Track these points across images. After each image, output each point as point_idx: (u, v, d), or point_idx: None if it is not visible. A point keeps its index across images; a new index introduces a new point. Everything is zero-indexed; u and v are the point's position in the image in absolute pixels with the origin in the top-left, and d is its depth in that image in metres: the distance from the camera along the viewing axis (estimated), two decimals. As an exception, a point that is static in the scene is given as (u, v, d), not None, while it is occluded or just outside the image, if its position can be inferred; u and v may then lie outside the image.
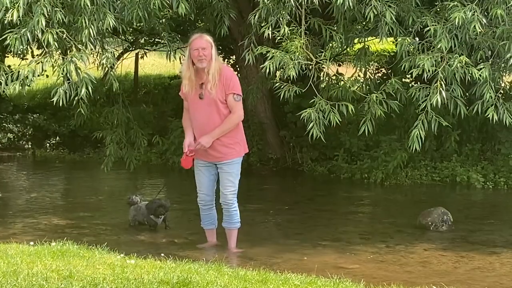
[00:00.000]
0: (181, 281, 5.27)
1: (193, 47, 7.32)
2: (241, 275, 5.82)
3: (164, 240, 8.55)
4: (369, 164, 13.26)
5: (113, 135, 11.11)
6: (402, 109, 9.64)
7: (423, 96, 8.40)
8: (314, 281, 5.82)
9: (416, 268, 7.56)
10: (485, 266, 7.71)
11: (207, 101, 7.46)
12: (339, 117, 8.49)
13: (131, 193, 9.53)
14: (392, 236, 9.00)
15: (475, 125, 13.50)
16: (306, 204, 11.32)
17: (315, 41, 9.57)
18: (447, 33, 8.34)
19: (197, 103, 7.52)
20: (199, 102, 7.50)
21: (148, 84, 20.51)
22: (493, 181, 12.70)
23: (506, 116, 8.44)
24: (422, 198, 11.82)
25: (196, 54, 7.29)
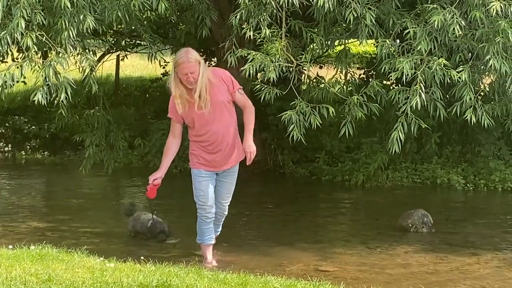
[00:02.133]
0: (160, 284, 5.25)
1: (181, 72, 6.95)
2: (221, 278, 5.81)
3: (145, 243, 8.51)
4: (350, 166, 13.30)
5: (93, 137, 11.06)
6: (383, 111, 9.67)
7: (403, 99, 8.41)
8: (294, 284, 5.81)
9: (396, 270, 7.57)
10: (465, 268, 7.75)
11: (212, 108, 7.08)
12: (320, 120, 8.49)
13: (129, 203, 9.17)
14: (372, 238, 9.02)
15: (455, 127, 13.56)
16: (287, 206, 11.31)
17: (296, 43, 9.57)
18: (426, 36, 8.36)
19: (202, 115, 7.09)
20: (203, 114, 7.09)
21: (129, 86, 20.44)
22: (473, 182, 12.77)
23: (484, 118, 8.47)
24: (402, 200, 11.86)
25: (185, 78, 6.96)
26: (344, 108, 8.81)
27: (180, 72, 6.97)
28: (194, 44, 14.04)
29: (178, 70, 6.98)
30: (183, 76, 6.96)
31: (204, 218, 7.39)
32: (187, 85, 7.01)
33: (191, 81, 6.97)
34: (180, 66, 6.96)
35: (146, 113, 17.17)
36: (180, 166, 14.03)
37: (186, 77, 6.96)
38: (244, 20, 8.84)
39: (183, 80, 6.99)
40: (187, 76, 6.95)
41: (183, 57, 6.98)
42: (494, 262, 8.01)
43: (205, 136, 7.21)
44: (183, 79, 6.99)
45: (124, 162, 14.21)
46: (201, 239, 7.50)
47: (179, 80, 7.02)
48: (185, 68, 6.94)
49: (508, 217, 10.60)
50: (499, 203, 11.91)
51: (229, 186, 7.44)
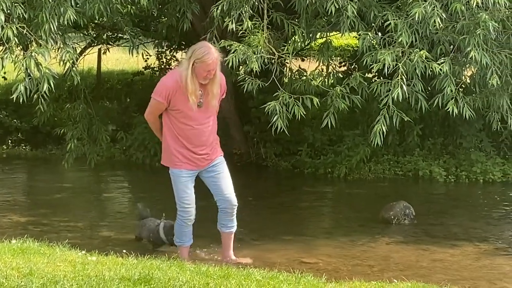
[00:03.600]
0: (142, 278, 5.24)
1: (205, 68, 6.72)
2: (203, 270, 5.81)
3: (127, 236, 8.50)
4: (332, 159, 13.31)
5: (75, 131, 10.99)
6: (365, 104, 9.69)
7: (385, 91, 8.43)
8: (276, 276, 5.82)
9: (378, 262, 7.61)
10: (447, 259, 7.79)
11: (205, 109, 6.94)
12: (303, 110, 8.50)
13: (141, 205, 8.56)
14: (355, 230, 9.05)
15: (437, 119, 13.61)
16: (270, 199, 11.32)
17: (278, 35, 9.57)
18: (407, 28, 8.38)
19: (194, 111, 6.88)
20: (196, 111, 6.88)
21: (111, 79, 20.37)
22: (455, 174, 12.82)
23: (465, 109, 8.50)
24: (385, 192, 11.89)
25: (205, 75, 6.75)
26: (327, 100, 8.81)
27: (203, 68, 6.71)
28: (175, 37, 14.06)
29: (202, 65, 6.71)
30: (205, 72, 6.73)
31: (187, 221, 7.16)
32: (202, 81, 6.80)
33: (210, 77, 6.80)
34: (206, 62, 6.70)
35: (129, 107, 17.10)
36: (163, 160, 14.01)
37: (207, 74, 6.76)
38: (225, 12, 8.83)
39: (200, 75, 6.75)
40: (208, 73, 6.76)
41: (210, 54, 6.73)
42: (476, 254, 8.06)
43: (187, 129, 6.97)
44: (202, 75, 6.75)
45: (106, 155, 14.15)
46: (182, 242, 7.27)
47: (195, 75, 6.77)
48: (211, 65, 6.73)
49: (490, 208, 10.67)
50: (481, 195, 11.96)
51: (224, 176, 7.18)
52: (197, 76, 6.76)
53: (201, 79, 6.78)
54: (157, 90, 6.94)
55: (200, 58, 6.72)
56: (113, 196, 11.71)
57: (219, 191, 7.18)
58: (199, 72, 6.75)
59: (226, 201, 7.18)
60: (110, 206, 10.94)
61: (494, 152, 13.34)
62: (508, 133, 13.10)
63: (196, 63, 6.72)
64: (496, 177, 12.66)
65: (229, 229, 7.29)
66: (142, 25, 14.79)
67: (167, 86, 6.89)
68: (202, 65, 6.72)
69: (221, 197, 7.19)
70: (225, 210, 7.22)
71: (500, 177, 12.68)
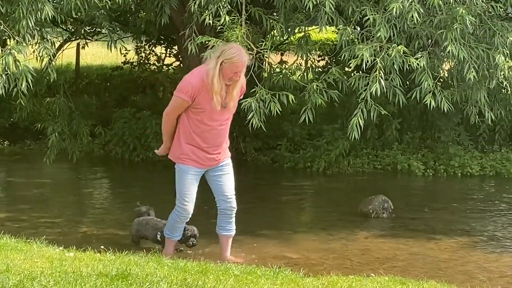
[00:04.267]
0: (120, 273, 5.23)
1: (233, 70, 6.62)
2: (181, 266, 5.81)
3: (105, 232, 8.48)
4: (311, 153, 13.34)
5: (55, 125, 10.92)
6: (344, 98, 9.71)
7: (363, 85, 8.45)
8: (254, 271, 5.84)
9: (357, 256, 7.65)
10: (425, 252, 7.84)
11: (227, 110, 6.86)
12: (280, 107, 8.50)
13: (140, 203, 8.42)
14: (333, 224, 9.08)
15: (416, 113, 13.67)
16: (249, 193, 11.27)
17: (256, 30, 9.56)
18: (385, 23, 8.40)
19: (217, 112, 6.79)
20: (219, 111, 6.79)
21: (90, 74, 20.28)
22: (433, 168, 12.89)
23: (443, 103, 8.55)
24: (363, 186, 11.94)
25: (232, 76, 6.65)
26: (305, 95, 8.83)
27: (231, 69, 6.61)
28: (154, 31, 14.00)
29: (230, 66, 6.61)
30: (232, 73, 6.64)
31: (183, 218, 7.07)
32: (227, 82, 6.70)
33: (235, 79, 6.72)
34: (235, 63, 6.60)
35: (108, 102, 17.04)
36: (142, 155, 14.00)
37: (234, 76, 6.67)
38: (203, 7, 8.81)
39: (226, 76, 6.65)
40: (235, 75, 6.67)
41: (240, 56, 6.64)
42: (453, 247, 8.12)
43: (207, 130, 6.88)
44: (229, 76, 6.65)
45: (85, 151, 14.07)
46: (171, 235, 7.19)
47: (222, 75, 6.66)
48: (240, 67, 6.65)
49: (467, 202, 10.74)
50: (459, 189, 12.03)
51: (229, 177, 7.15)
52: (223, 76, 6.67)
53: (227, 80, 6.69)
54: (181, 87, 6.78)
55: (230, 59, 6.62)
56: (92, 192, 11.67)
57: (221, 191, 7.13)
58: (225, 73, 6.65)
59: (227, 202, 7.13)
60: (89, 201, 10.89)
61: (472, 145, 13.44)
62: (485, 127, 13.18)
63: (224, 63, 6.62)
64: (474, 171, 12.74)
65: (228, 232, 7.24)
66: (121, 19, 14.70)
67: (192, 84, 6.73)
68: (231, 66, 6.63)
69: (222, 198, 7.14)
70: (225, 212, 7.17)
71: (478, 170, 12.77)
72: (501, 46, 8.58)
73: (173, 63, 17.75)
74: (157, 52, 17.96)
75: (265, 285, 5.29)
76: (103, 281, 4.99)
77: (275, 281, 5.45)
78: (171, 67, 17.81)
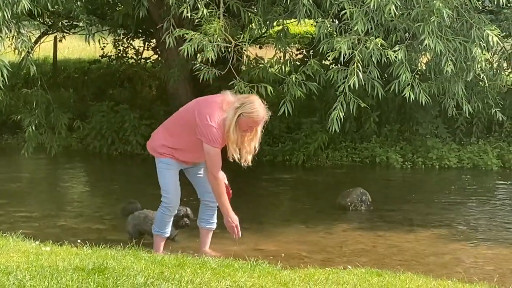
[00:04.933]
0: (96, 267, 5.20)
1: (251, 124, 6.56)
2: (158, 260, 5.78)
3: (83, 226, 8.44)
4: (290, 146, 13.35)
5: (32, 118, 10.81)
6: (322, 91, 9.70)
7: (342, 78, 8.46)
8: (231, 264, 5.82)
9: (335, 248, 7.67)
10: (401, 244, 7.88)
11: None
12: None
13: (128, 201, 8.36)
14: (312, 217, 9.09)
15: (394, 106, 13.73)
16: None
17: (234, 23, 9.55)
18: (363, 16, 8.40)
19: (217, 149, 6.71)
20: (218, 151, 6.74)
21: (67, 68, 20.17)
22: (411, 161, 12.95)
23: (422, 96, 8.57)
24: (342, 179, 11.97)
25: (247, 129, 6.59)
26: (283, 87, 8.82)
27: (248, 123, 6.54)
28: (132, 25, 13.93)
29: (247, 120, 6.53)
30: (247, 127, 6.59)
31: (172, 210, 6.99)
32: (242, 133, 6.63)
33: (250, 132, 6.65)
34: (253, 119, 6.53)
35: (85, 95, 16.97)
36: (121, 148, 13.95)
37: (250, 129, 6.62)
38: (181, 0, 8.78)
39: (241, 128, 6.58)
40: (250, 129, 6.62)
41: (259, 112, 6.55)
42: (431, 238, 8.16)
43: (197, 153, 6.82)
44: (244, 128, 6.59)
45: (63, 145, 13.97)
46: (161, 232, 7.05)
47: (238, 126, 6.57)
48: (257, 123, 6.61)
49: (445, 194, 10.79)
50: (436, 181, 12.10)
51: None
52: (238, 128, 6.60)
53: (244, 131, 6.64)
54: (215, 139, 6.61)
55: (249, 113, 6.55)
56: (69, 186, 11.62)
57: (202, 182, 7.10)
58: (241, 125, 6.57)
59: (209, 194, 7.06)
60: (66, 196, 10.85)
61: (450, 138, 13.51)
62: (463, 119, 13.26)
63: (243, 116, 6.55)
64: (451, 163, 12.81)
65: (210, 225, 7.21)
66: (98, 13, 14.63)
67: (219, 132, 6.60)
68: (248, 120, 6.56)
69: (204, 189, 7.11)
70: (207, 203, 7.14)
71: (456, 163, 12.85)
72: (478, 39, 8.60)
73: (151, 57, 17.69)
74: (135, 45, 17.89)
75: (242, 278, 5.27)
76: (79, 275, 4.96)
77: (252, 274, 5.44)
78: (149, 61, 17.75)
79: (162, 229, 7.03)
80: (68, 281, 4.79)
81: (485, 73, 9.14)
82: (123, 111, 14.45)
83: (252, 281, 5.23)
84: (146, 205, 8.03)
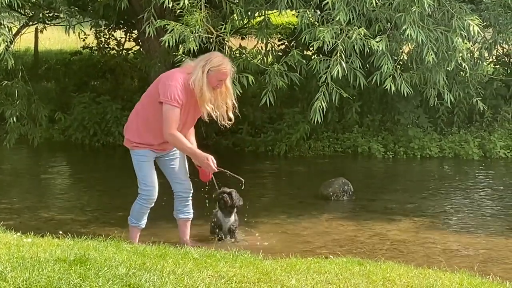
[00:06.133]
0: (78, 258, 5.18)
1: (220, 77, 6.64)
2: (140, 250, 5.78)
3: (65, 217, 8.42)
4: (273, 136, 13.36)
5: (13, 109, 10.75)
6: (304, 81, 9.70)
7: (324, 68, 8.46)
8: (213, 254, 5.83)
9: (317, 238, 7.70)
10: (384, 234, 7.92)
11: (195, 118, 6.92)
12: (240, 89, 8.49)
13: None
14: (294, 207, 9.11)
15: (376, 96, 13.74)
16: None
17: (216, 14, 9.52)
18: (345, 6, 8.40)
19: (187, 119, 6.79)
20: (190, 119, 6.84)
21: (49, 59, 20.07)
22: (393, 150, 12.99)
23: (403, 86, 8.60)
24: (324, 169, 11.98)
25: (217, 84, 6.65)
26: (265, 78, 8.83)
27: (217, 76, 6.61)
28: (113, 16, 13.85)
29: (216, 74, 6.61)
30: (217, 81, 6.64)
31: (151, 202, 6.94)
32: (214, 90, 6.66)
33: (219, 88, 6.69)
34: (221, 71, 6.62)
35: (67, 87, 16.89)
36: (103, 140, 13.92)
37: (219, 84, 6.66)
38: (163, -10, 8.74)
39: (212, 85, 6.62)
40: (220, 83, 6.66)
41: (226, 64, 6.68)
42: (412, 228, 8.21)
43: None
44: (214, 84, 6.63)
45: (45, 136, 13.92)
46: (137, 223, 7.01)
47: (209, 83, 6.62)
48: (226, 74, 6.68)
49: (427, 184, 10.83)
50: (418, 170, 12.15)
51: (183, 162, 7.12)
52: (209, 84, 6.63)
53: (215, 86, 6.68)
54: (172, 95, 6.59)
55: (217, 66, 6.62)
56: (51, 178, 11.56)
57: (174, 174, 7.11)
58: (211, 81, 6.62)
59: (181, 185, 7.11)
60: (48, 187, 10.82)
61: (431, 128, 13.55)
62: (444, 109, 13.30)
63: (211, 71, 6.61)
64: (433, 153, 12.86)
65: (185, 215, 7.22)
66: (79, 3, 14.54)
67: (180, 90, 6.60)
68: (217, 74, 6.63)
69: (176, 181, 7.12)
70: (180, 194, 7.15)
71: (437, 152, 12.90)
72: (459, 28, 8.63)
73: (133, 48, 17.64)
74: (116, 36, 17.82)
75: (224, 268, 5.29)
76: (61, 266, 4.94)
77: (234, 264, 5.45)
78: (131, 52, 17.69)
79: (139, 220, 7.02)
80: (50, 273, 4.77)
81: (466, 63, 9.18)
82: (105, 102, 14.41)
83: (234, 271, 5.24)
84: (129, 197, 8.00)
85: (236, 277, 5.09)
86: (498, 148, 12.87)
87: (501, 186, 10.71)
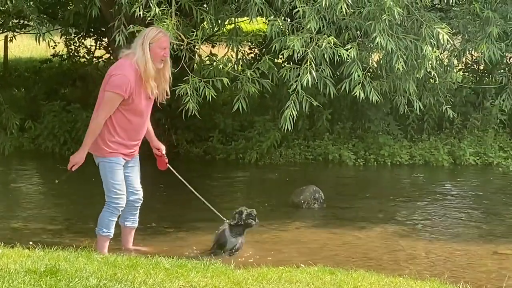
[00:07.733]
0: (48, 269, 5.14)
1: (161, 46, 6.63)
2: (111, 261, 5.74)
3: (35, 227, 8.35)
4: (243, 144, 13.37)
5: (-17, 118, 10.67)
6: (275, 89, 9.72)
7: (294, 77, 8.49)
8: (185, 264, 5.81)
9: (288, 247, 7.70)
10: (354, 241, 7.95)
11: (151, 101, 6.87)
12: (214, 92, 8.50)
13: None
14: (265, 215, 9.04)
15: (346, 104, 13.80)
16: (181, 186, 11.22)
17: (187, 22, 9.52)
18: (315, 14, 8.44)
19: (144, 104, 6.78)
20: (146, 103, 6.80)
21: (19, 67, 19.92)
22: (364, 158, 13.04)
23: (372, 94, 8.65)
24: (295, 177, 12.00)
25: (163, 54, 6.63)
26: (237, 84, 8.84)
27: (160, 45, 6.62)
28: (83, 24, 13.81)
29: (158, 44, 6.62)
30: (162, 50, 6.63)
31: (120, 209, 6.96)
32: (157, 65, 6.64)
33: (166, 56, 6.71)
34: (161, 39, 6.65)
35: (37, 95, 16.75)
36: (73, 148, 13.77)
37: (164, 52, 6.66)
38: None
39: (158, 56, 6.62)
40: (165, 51, 6.66)
41: (162, 32, 6.76)
42: (383, 235, 8.25)
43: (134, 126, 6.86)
44: (160, 55, 6.63)
45: (15, 145, 13.79)
46: (107, 232, 6.98)
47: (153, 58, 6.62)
48: (166, 41, 6.71)
49: (397, 191, 10.90)
50: (389, 178, 12.22)
51: (137, 169, 7.16)
52: (154, 59, 6.63)
53: (158, 61, 6.66)
54: (118, 83, 6.60)
55: (155, 37, 6.65)
56: (21, 187, 11.46)
57: (131, 183, 7.09)
58: (156, 53, 6.63)
59: (135, 194, 7.13)
60: (18, 196, 10.69)
61: (402, 135, 13.64)
62: (414, 116, 13.39)
63: (151, 43, 6.63)
64: (403, 160, 12.95)
65: (133, 224, 7.25)
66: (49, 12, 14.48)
67: (128, 77, 6.61)
68: (159, 43, 6.65)
69: (131, 190, 7.10)
70: (133, 203, 7.14)
71: (407, 159, 12.98)
72: (429, 36, 8.70)
73: (103, 56, 17.56)
74: (87, 44, 17.73)
75: (195, 278, 5.27)
76: (31, 278, 4.91)
77: (205, 274, 5.44)
78: (101, 60, 17.61)
79: (109, 229, 6.99)
80: (20, 284, 4.74)
81: (435, 71, 9.25)
82: (75, 110, 14.32)
83: (205, 281, 5.24)
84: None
85: (207, 287, 5.09)
86: (468, 155, 12.99)
87: (471, 192, 10.79)
